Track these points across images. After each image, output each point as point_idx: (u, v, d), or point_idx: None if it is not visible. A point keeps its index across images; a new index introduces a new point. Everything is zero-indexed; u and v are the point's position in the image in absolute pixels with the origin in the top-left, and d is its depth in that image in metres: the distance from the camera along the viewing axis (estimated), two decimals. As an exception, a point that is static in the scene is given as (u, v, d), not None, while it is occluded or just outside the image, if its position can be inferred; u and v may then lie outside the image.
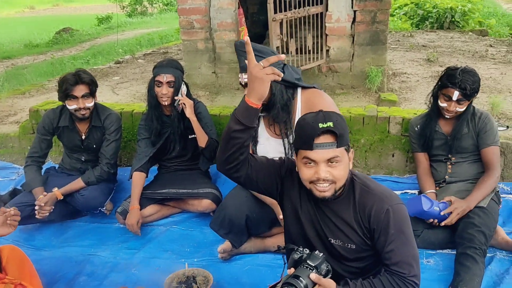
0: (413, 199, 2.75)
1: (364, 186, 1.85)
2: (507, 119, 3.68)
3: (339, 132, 1.71)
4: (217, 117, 3.75)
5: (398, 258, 1.76)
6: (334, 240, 1.88)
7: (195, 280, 2.47)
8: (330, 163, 1.74)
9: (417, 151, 3.04)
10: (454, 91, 2.71)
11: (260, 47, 2.60)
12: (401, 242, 1.77)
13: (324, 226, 1.88)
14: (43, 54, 11.52)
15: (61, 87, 3.08)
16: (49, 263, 2.80)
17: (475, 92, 2.74)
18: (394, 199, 1.83)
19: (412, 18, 10.23)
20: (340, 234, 1.86)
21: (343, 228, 1.85)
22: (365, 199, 1.82)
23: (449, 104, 2.77)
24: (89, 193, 3.16)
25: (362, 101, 4.18)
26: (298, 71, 2.75)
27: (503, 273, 2.52)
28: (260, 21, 6.28)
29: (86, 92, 3.10)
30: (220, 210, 2.80)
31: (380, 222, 1.77)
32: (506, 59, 5.80)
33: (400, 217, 1.79)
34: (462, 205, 2.63)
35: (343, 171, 1.77)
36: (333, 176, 1.75)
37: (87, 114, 3.18)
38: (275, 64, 2.57)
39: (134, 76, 5.88)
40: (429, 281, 2.48)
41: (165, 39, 11.11)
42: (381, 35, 4.29)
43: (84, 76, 3.10)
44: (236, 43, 2.61)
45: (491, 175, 2.75)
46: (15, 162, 4.21)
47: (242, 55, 2.58)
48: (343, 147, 1.75)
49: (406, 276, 1.75)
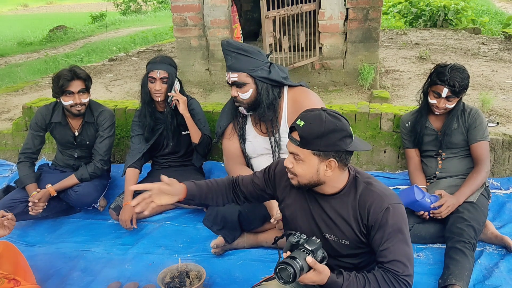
0: (406, 190, 2.77)
1: (366, 184, 1.87)
2: (498, 115, 3.72)
3: (301, 134, 1.75)
4: (210, 114, 3.77)
5: (393, 256, 1.77)
6: (329, 235, 1.90)
7: (188, 275, 2.48)
8: (294, 158, 1.81)
9: (408, 147, 3.08)
10: (443, 88, 2.75)
11: (247, 46, 2.64)
12: (397, 240, 1.78)
13: (320, 221, 1.91)
14: (37, 52, 11.49)
15: (56, 83, 3.09)
16: (42, 259, 2.81)
17: (463, 89, 2.77)
18: (394, 198, 1.84)
19: (405, 16, 10.29)
20: (336, 229, 1.89)
21: (340, 224, 1.87)
22: (366, 197, 1.83)
23: (439, 101, 2.80)
24: (83, 189, 3.17)
25: (355, 98, 4.21)
26: (285, 69, 2.78)
27: (492, 266, 2.55)
28: (254, 19, 6.30)
29: (82, 88, 3.11)
30: (213, 207, 2.82)
31: (379, 219, 1.79)
32: (497, 56, 5.85)
33: (399, 216, 1.80)
34: (452, 200, 2.67)
35: (303, 171, 1.80)
36: (294, 170, 1.82)
37: (82, 110, 3.18)
38: (261, 64, 2.61)
39: (127, 73, 5.88)
40: (419, 275, 2.51)
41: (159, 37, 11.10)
42: (373, 32, 4.32)
43: (79, 71, 3.12)
44: (222, 42, 2.65)
45: (480, 170, 2.78)
46: (8, 159, 4.21)
47: (228, 54, 2.61)
48: (309, 151, 1.76)
49: (399, 274, 1.76)
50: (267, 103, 2.64)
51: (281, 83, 2.69)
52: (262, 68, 2.62)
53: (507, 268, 2.52)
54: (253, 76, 2.60)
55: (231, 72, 2.61)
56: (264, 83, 2.62)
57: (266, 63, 2.65)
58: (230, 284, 2.54)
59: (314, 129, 1.74)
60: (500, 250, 2.69)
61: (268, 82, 2.63)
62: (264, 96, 2.62)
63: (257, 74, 2.60)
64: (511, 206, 3.09)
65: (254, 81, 2.61)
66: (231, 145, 2.86)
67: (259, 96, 2.63)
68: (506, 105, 3.95)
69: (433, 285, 2.44)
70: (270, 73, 2.63)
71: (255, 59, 2.61)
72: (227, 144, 2.88)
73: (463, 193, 2.71)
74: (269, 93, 2.64)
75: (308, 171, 1.80)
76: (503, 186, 3.27)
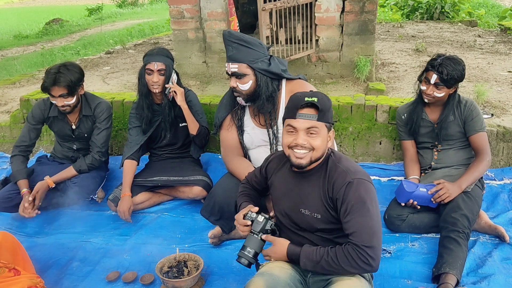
0: (397, 189, 2.82)
1: (336, 162, 2.00)
2: (492, 107, 3.74)
3: (321, 107, 1.90)
4: (207, 106, 3.78)
5: (354, 228, 1.85)
6: (304, 210, 2.02)
7: (186, 264, 2.51)
8: (309, 133, 1.92)
9: (404, 139, 3.11)
10: (433, 74, 2.78)
11: (249, 38, 2.64)
12: (360, 213, 1.86)
13: (297, 197, 2.04)
14: (33, 45, 11.45)
15: (43, 81, 3.07)
16: (41, 250, 2.83)
17: (453, 79, 2.77)
18: (359, 174, 1.94)
19: (402, 9, 10.29)
20: (308, 204, 2.01)
21: (312, 199, 2.00)
22: (333, 172, 1.97)
23: (427, 87, 2.83)
24: (81, 181, 3.20)
25: (351, 91, 4.23)
26: (284, 62, 2.79)
27: (485, 255, 2.59)
28: (250, 11, 6.30)
29: (63, 93, 3.07)
30: (210, 198, 2.85)
31: (341, 193, 1.90)
32: (493, 49, 5.88)
33: (362, 190, 1.89)
34: (451, 186, 2.68)
35: (320, 143, 1.93)
36: (310, 144, 1.92)
37: (67, 110, 3.18)
38: (262, 56, 2.63)
39: (124, 66, 5.89)
40: (413, 264, 2.56)
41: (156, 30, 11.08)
42: (369, 25, 4.33)
43: (61, 79, 3.02)
44: (224, 32, 2.65)
45: (482, 159, 2.81)
46: (6, 151, 4.23)
47: (229, 45, 2.62)
48: (324, 123, 1.93)
49: (359, 244, 1.82)
50: (266, 95, 2.66)
51: (280, 75, 2.71)
52: (263, 60, 2.64)
53: (500, 257, 2.56)
54: (253, 68, 2.61)
55: (231, 63, 2.62)
56: (263, 75, 2.64)
57: (266, 55, 2.67)
58: (228, 273, 2.57)
59: (327, 103, 1.94)
60: (494, 239, 2.73)
61: (268, 75, 2.65)
62: (263, 88, 2.64)
63: (257, 66, 2.61)
64: (504, 196, 3.13)
65: (254, 72, 2.63)
66: (229, 136, 2.88)
67: (259, 88, 2.64)
68: (501, 97, 3.98)
69: (426, 273, 2.48)
70: (270, 66, 2.64)
71: (256, 50, 2.62)
72: (225, 135, 2.90)
73: (465, 180, 2.73)
74: (268, 86, 2.65)
75: (323, 143, 1.94)
76: (497, 177, 3.30)
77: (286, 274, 1.95)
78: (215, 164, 3.67)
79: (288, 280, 1.92)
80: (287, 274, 1.96)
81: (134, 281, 2.54)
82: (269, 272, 1.93)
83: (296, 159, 1.95)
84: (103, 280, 2.57)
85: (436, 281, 2.39)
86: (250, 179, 2.37)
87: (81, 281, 2.56)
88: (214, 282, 2.52)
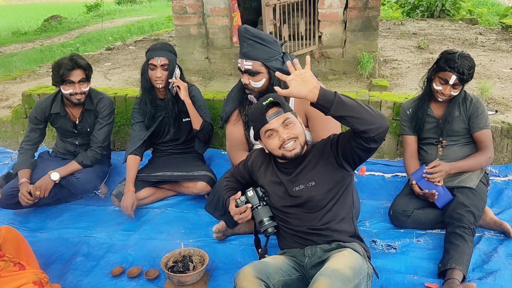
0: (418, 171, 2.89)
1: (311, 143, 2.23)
2: (496, 103, 3.74)
3: (280, 101, 2.08)
4: (210, 102, 3.77)
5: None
6: (297, 187, 2.13)
7: (191, 259, 2.50)
8: (286, 126, 2.08)
9: (407, 133, 3.09)
10: (452, 75, 2.75)
11: (265, 35, 2.62)
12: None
13: (287, 182, 2.15)
14: (32, 42, 11.41)
15: (57, 72, 3.07)
16: (45, 245, 2.82)
17: (471, 77, 2.78)
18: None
19: (403, 7, 10.28)
20: (299, 179, 2.13)
21: (300, 173, 2.13)
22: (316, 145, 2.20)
23: (445, 88, 2.81)
24: (84, 176, 3.18)
25: (354, 87, 4.22)
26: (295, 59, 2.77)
27: (491, 251, 2.59)
28: (253, 8, 6.27)
29: (82, 77, 3.10)
30: (214, 193, 2.84)
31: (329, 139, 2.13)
32: (495, 46, 5.88)
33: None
34: (444, 165, 2.79)
35: (299, 129, 2.12)
36: (293, 134, 2.08)
37: (82, 99, 3.18)
38: (276, 53, 2.61)
39: (125, 62, 5.86)
40: (419, 259, 2.55)
41: (155, 27, 11.05)
42: (373, 21, 4.32)
43: (80, 61, 3.10)
44: (240, 28, 2.62)
45: (483, 153, 2.84)
46: (8, 147, 4.21)
47: (245, 41, 2.59)
48: (289, 112, 2.11)
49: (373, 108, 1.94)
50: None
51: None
52: (277, 59, 2.61)
53: (505, 253, 2.56)
54: (267, 66, 2.60)
55: (245, 59, 2.59)
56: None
57: (280, 53, 2.65)
58: (233, 268, 2.56)
59: (280, 97, 2.06)
60: (499, 235, 2.73)
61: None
62: (276, 84, 2.60)
63: (272, 65, 2.59)
64: (509, 192, 3.13)
65: (268, 70, 2.61)
66: (235, 131, 2.87)
67: (271, 86, 2.62)
68: (504, 94, 3.98)
69: (432, 269, 2.48)
70: (284, 64, 2.62)
71: (271, 48, 2.60)
72: (231, 130, 2.88)
73: (459, 164, 2.83)
74: (281, 84, 2.63)
75: (301, 128, 2.13)
76: (501, 173, 3.30)
77: (278, 261, 2.06)
78: (218, 160, 3.66)
79: (279, 266, 2.02)
80: (279, 261, 2.07)
81: (139, 276, 2.53)
82: (260, 261, 2.04)
83: (290, 152, 2.08)
84: (108, 275, 2.55)
85: (442, 276, 2.38)
86: (235, 173, 2.46)
87: (85, 276, 2.55)
88: (219, 277, 2.51)
